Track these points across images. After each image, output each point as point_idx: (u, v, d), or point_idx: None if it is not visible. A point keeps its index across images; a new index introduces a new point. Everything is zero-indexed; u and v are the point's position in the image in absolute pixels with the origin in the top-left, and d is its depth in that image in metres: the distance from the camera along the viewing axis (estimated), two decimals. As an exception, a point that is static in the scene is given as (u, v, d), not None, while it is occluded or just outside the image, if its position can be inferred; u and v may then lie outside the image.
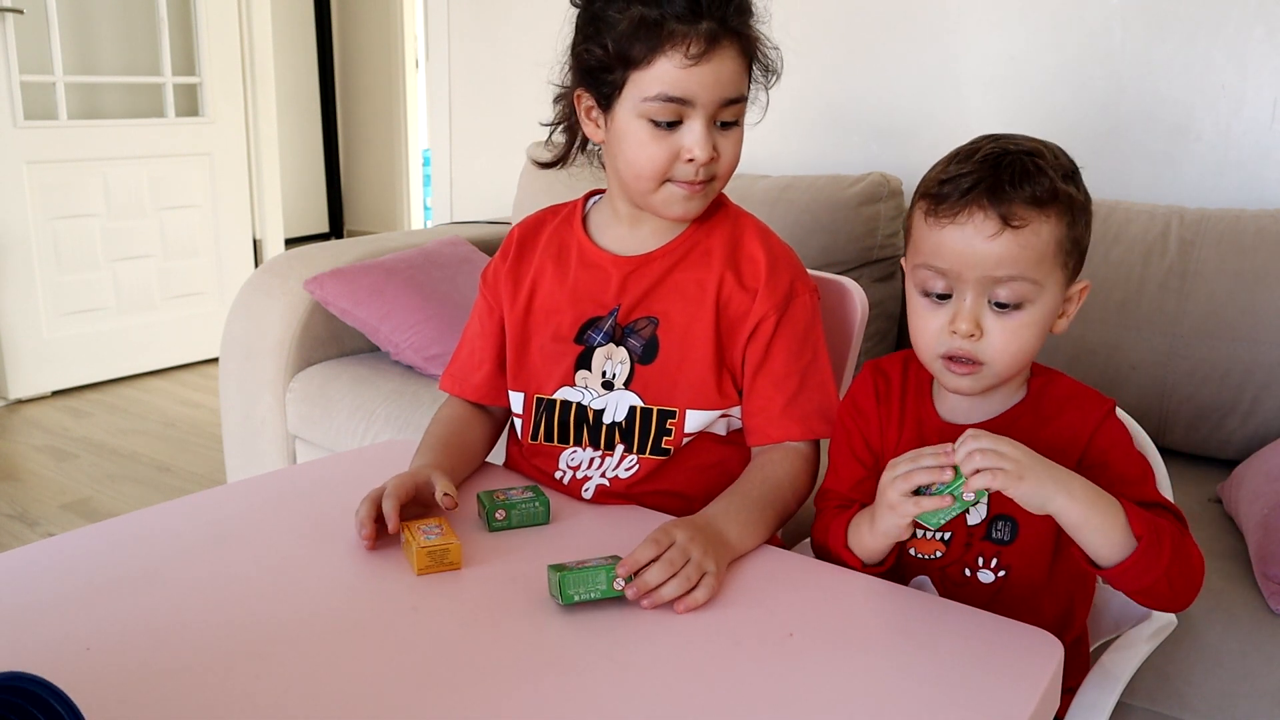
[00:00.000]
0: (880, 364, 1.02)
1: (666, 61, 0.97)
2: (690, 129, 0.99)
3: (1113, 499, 0.82)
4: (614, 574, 0.82)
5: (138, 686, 0.71)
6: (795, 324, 1.07)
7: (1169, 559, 0.81)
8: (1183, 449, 1.63)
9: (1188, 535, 0.86)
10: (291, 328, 2.03)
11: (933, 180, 0.89)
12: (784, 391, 1.06)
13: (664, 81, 0.97)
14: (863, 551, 0.92)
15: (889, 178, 1.95)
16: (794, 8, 2.22)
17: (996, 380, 0.90)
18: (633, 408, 1.07)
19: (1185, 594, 0.85)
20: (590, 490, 1.08)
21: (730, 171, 1.04)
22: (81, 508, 2.49)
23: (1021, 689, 0.73)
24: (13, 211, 3.12)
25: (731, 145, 1.02)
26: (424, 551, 0.88)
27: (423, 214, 5.42)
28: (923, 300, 0.90)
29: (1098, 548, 0.82)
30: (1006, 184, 0.84)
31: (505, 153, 2.71)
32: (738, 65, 1.00)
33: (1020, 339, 0.87)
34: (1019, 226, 0.84)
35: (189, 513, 1.01)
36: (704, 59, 0.96)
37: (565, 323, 1.09)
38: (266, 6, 3.73)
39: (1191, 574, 0.85)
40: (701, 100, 0.98)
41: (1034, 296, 0.86)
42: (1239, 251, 1.57)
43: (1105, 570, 0.83)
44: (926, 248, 0.88)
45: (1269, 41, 1.74)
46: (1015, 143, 0.88)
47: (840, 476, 1.02)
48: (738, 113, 1.02)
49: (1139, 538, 0.81)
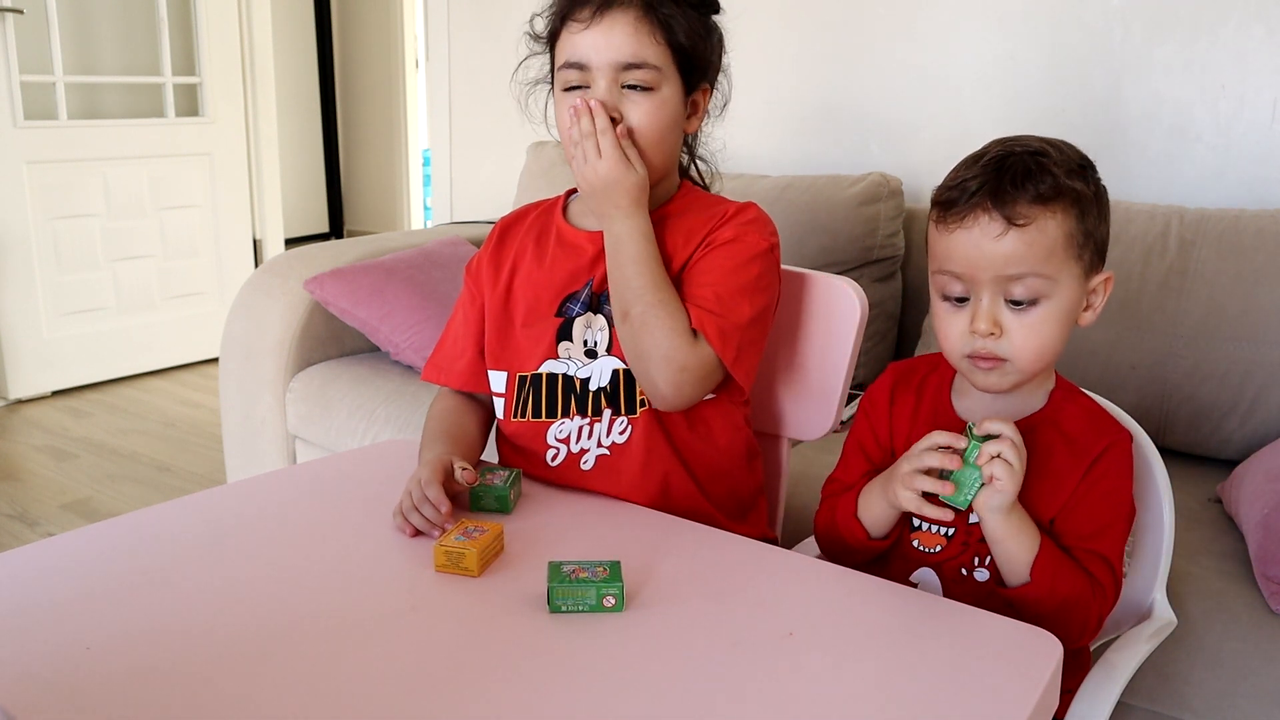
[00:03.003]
0: (905, 363, 1.06)
1: (567, 30, 1.04)
2: (593, 94, 1.03)
3: (1035, 539, 0.88)
4: (604, 592, 0.82)
5: (138, 686, 0.71)
6: (736, 252, 1.06)
7: (1054, 609, 0.88)
8: (1183, 449, 1.63)
9: (1096, 603, 0.90)
10: (291, 328, 2.03)
11: (941, 189, 0.92)
12: (701, 295, 1.05)
13: (565, 49, 1.05)
14: (871, 520, 0.96)
15: (889, 178, 1.95)
16: (794, 8, 2.22)
17: (1022, 376, 0.92)
18: (616, 371, 1.07)
19: (1065, 639, 0.86)
20: (590, 461, 1.08)
21: (651, 139, 1.04)
22: (81, 508, 2.49)
23: (1021, 689, 0.73)
24: (13, 211, 3.12)
25: (641, 112, 1.03)
26: (441, 550, 0.88)
27: (423, 214, 5.42)
28: (944, 305, 0.93)
29: (1001, 566, 0.91)
30: (1009, 185, 0.87)
31: (505, 153, 2.71)
32: (633, 28, 1.02)
33: (1040, 334, 0.89)
34: (1024, 225, 0.86)
35: (189, 513, 1.01)
36: (593, 22, 1.02)
37: (544, 300, 1.10)
38: (266, 6, 3.73)
39: (1077, 631, 0.90)
40: (595, 63, 1.02)
41: (1049, 291, 0.88)
42: (1239, 251, 1.57)
43: (1001, 589, 0.91)
44: (940, 253, 0.92)
45: (1269, 41, 1.74)
46: (1022, 144, 0.90)
47: (849, 467, 1.05)
48: (645, 79, 1.03)
49: (1031, 579, 0.88)
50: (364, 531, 0.97)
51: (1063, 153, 0.90)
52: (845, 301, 1.17)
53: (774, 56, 2.25)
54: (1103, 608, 0.90)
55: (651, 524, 1.01)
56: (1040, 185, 0.86)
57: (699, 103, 1.11)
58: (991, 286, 0.89)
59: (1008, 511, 0.87)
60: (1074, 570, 0.89)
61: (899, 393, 1.03)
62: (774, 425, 1.23)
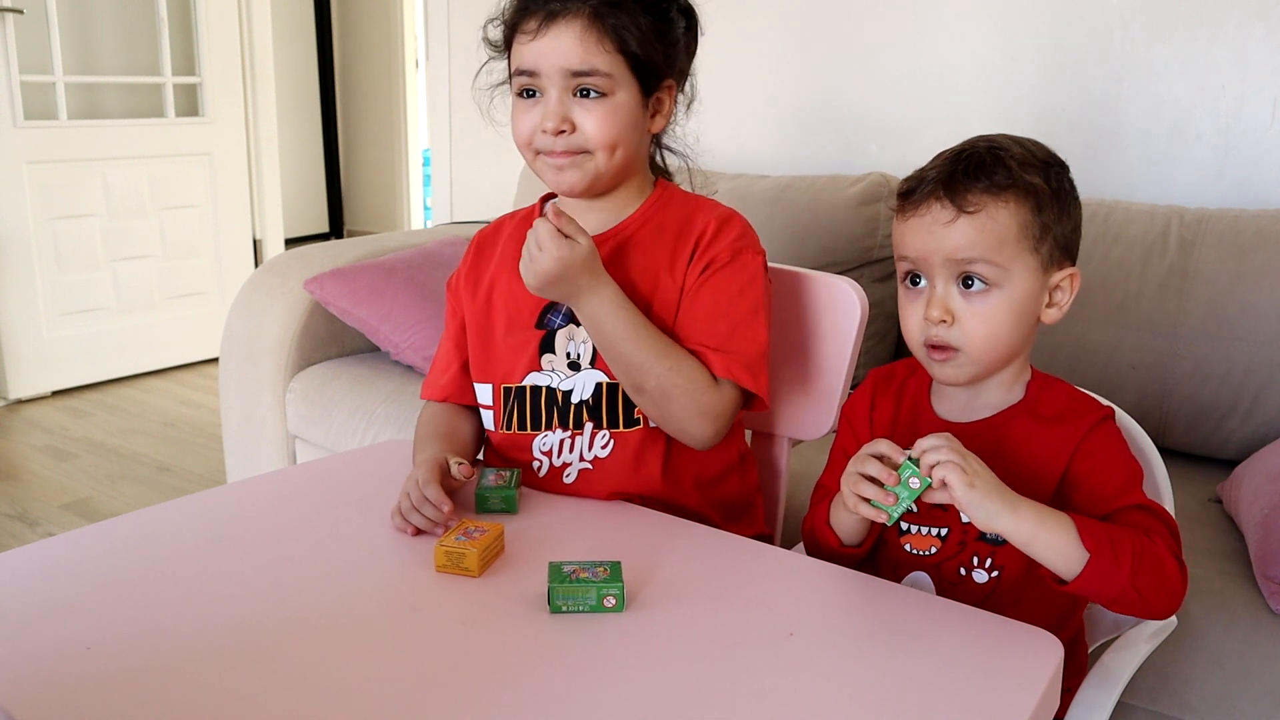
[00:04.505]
0: (885, 368, 1.06)
1: (518, 40, 1.05)
2: (544, 101, 1.04)
3: (1062, 516, 0.84)
4: (604, 592, 0.82)
5: (138, 686, 0.71)
6: (736, 275, 1.07)
7: (1130, 569, 0.83)
8: (1183, 449, 1.63)
9: (1162, 544, 0.86)
10: (291, 328, 2.03)
11: (903, 180, 0.96)
12: (714, 332, 1.05)
13: (517, 58, 1.05)
14: (839, 529, 0.97)
15: (889, 178, 1.95)
16: (795, 8, 2.22)
17: (976, 367, 0.93)
18: (599, 384, 1.07)
19: (1159, 601, 0.85)
20: (573, 475, 1.08)
21: (605, 144, 1.04)
22: (81, 508, 2.49)
23: (1021, 689, 0.74)
24: (13, 211, 3.12)
25: (594, 118, 1.03)
26: (441, 550, 0.88)
27: (423, 214, 5.42)
28: (904, 291, 0.96)
29: (1053, 563, 0.84)
30: (962, 175, 0.90)
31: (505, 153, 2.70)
32: (579, 37, 1.02)
33: (990, 323, 0.91)
34: (974, 212, 0.89)
35: (189, 513, 1.01)
36: (540, 33, 1.02)
37: (525, 310, 1.10)
38: (266, 6, 3.73)
39: (1165, 580, 0.85)
40: (544, 71, 1.03)
41: (1001, 280, 0.90)
42: (1239, 251, 1.57)
43: (1066, 585, 0.85)
44: (898, 240, 0.95)
45: (1269, 41, 1.74)
46: (986, 140, 0.93)
47: (833, 472, 1.05)
48: (595, 84, 1.02)
49: (1090, 551, 0.82)
50: (364, 531, 0.97)
51: (1026, 149, 0.92)
52: (845, 301, 1.17)
53: (774, 56, 2.25)
54: (1170, 545, 0.86)
55: (652, 524, 1.01)
56: (994, 176, 0.89)
57: (664, 100, 1.09)
58: (943, 272, 0.91)
59: (1015, 510, 0.84)
60: (1120, 528, 0.86)
61: (879, 398, 1.04)
62: (774, 425, 1.23)
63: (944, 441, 0.85)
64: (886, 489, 0.86)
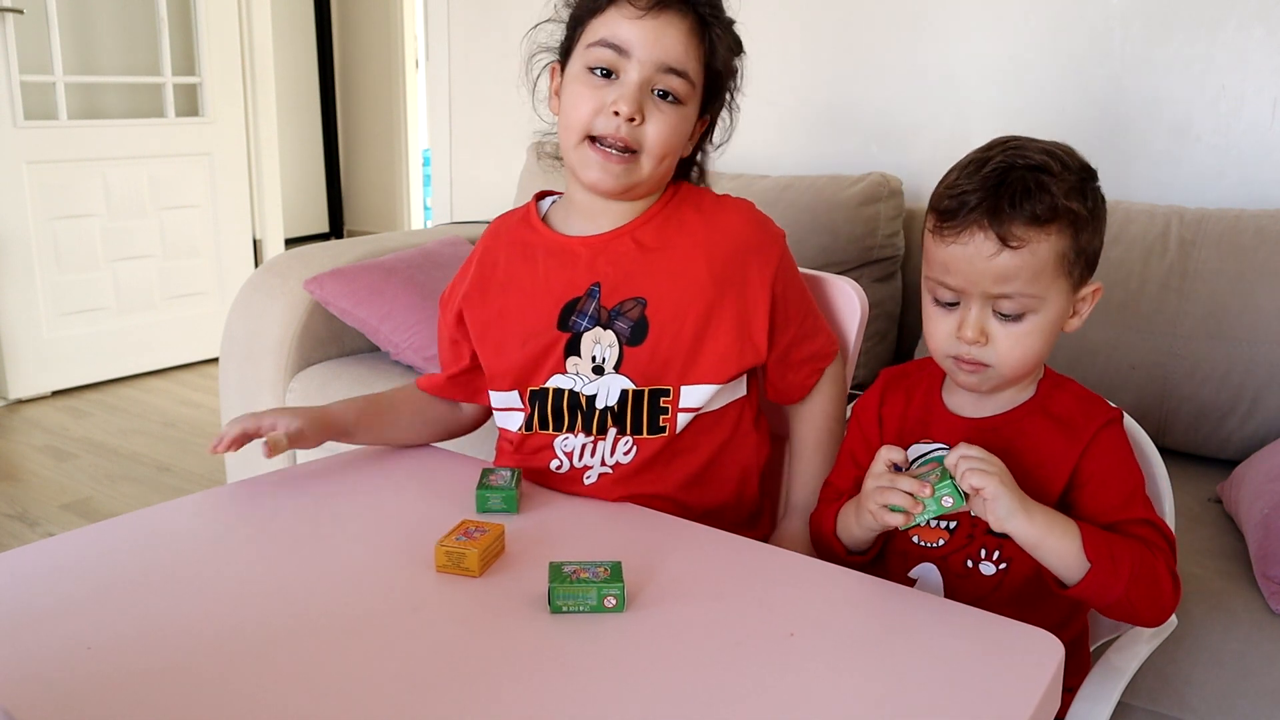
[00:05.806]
0: (898, 368, 1.07)
1: (616, 11, 1.01)
2: (623, 83, 1.01)
3: (1070, 524, 0.86)
4: (605, 592, 0.82)
5: (138, 687, 0.71)
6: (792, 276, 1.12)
7: (1127, 581, 0.85)
8: (1183, 449, 1.63)
9: (1160, 558, 0.88)
10: (291, 328, 2.03)
11: (940, 195, 0.92)
12: (809, 341, 1.12)
13: (608, 27, 1.01)
14: (849, 539, 0.98)
15: (889, 178, 1.95)
16: (795, 7, 2.22)
17: (1003, 381, 0.94)
18: (624, 391, 1.06)
19: (1150, 613, 0.89)
20: (592, 477, 1.08)
21: (659, 152, 1.03)
22: (81, 508, 2.49)
23: (1022, 689, 0.73)
24: (13, 211, 3.12)
25: (663, 121, 1.02)
26: (442, 550, 0.88)
27: (423, 214, 5.42)
28: (934, 308, 0.95)
29: (1055, 568, 0.87)
30: (1006, 204, 0.87)
31: (505, 153, 2.71)
32: (684, 36, 1.01)
33: (1024, 346, 0.91)
34: (1017, 247, 0.87)
35: (189, 513, 1.01)
36: (649, 14, 0.99)
37: (545, 312, 1.08)
38: (266, 6, 3.73)
39: (1158, 595, 0.88)
40: (638, 55, 1.00)
41: (1036, 307, 0.90)
42: (1239, 251, 1.57)
43: (1064, 590, 0.88)
44: (934, 262, 0.93)
45: (1269, 41, 1.74)
46: (1024, 155, 0.89)
47: (842, 472, 1.06)
48: (677, 89, 1.02)
49: (1091, 562, 0.85)
50: (364, 531, 0.97)
51: (1065, 166, 0.89)
52: (846, 301, 1.17)
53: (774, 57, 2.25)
54: (1168, 562, 0.89)
55: (652, 524, 1.01)
56: (1038, 206, 0.87)
57: (698, 130, 1.10)
58: (980, 298, 0.91)
59: (1028, 512, 0.85)
60: (1123, 540, 0.88)
61: (889, 395, 1.04)
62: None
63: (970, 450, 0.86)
64: (917, 498, 0.87)
